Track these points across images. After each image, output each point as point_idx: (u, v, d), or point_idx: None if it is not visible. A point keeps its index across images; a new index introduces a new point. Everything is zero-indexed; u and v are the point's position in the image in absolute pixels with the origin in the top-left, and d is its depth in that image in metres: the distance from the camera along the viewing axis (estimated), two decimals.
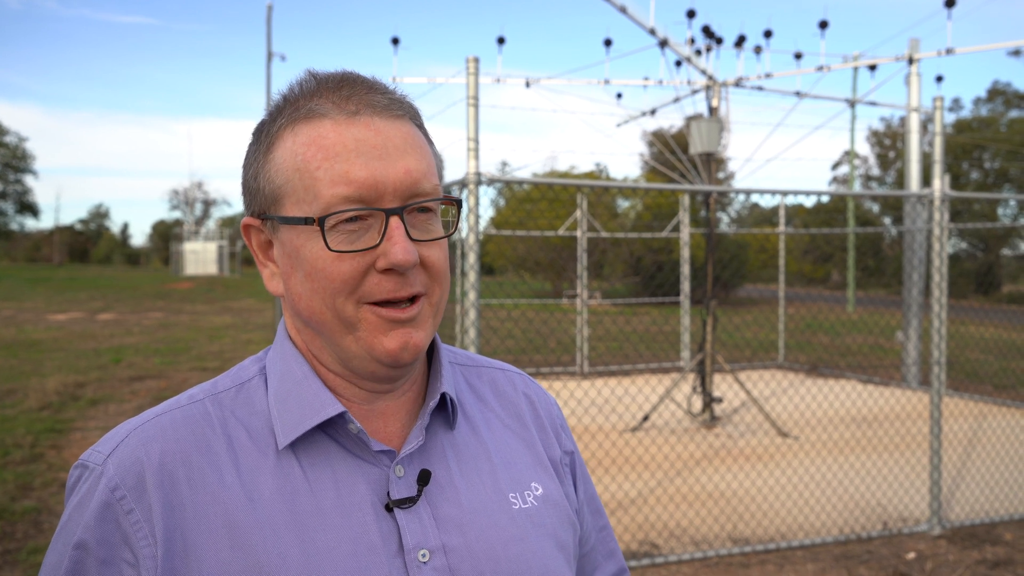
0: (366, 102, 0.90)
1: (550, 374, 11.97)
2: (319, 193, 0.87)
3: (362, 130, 0.88)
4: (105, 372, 11.38)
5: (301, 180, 0.88)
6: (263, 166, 0.92)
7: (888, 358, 14.17)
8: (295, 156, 0.89)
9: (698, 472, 6.54)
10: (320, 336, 0.93)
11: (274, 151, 0.91)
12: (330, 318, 0.89)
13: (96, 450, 0.91)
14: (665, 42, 9.39)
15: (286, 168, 0.89)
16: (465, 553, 0.92)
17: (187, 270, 51.21)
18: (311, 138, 0.88)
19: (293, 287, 0.92)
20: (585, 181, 5.01)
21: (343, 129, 0.88)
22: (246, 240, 0.97)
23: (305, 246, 0.88)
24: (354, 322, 0.89)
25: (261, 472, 0.90)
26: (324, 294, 0.88)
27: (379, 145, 0.88)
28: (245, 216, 0.97)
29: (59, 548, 0.89)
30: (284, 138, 0.90)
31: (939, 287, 5.40)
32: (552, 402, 1.16)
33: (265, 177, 0.92)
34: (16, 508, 5.52)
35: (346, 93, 0.90)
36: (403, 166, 0.88)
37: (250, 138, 0.96)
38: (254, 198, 0.94)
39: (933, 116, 5.44)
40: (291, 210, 0.89)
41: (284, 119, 0.91)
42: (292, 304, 0.93)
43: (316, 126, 0.89)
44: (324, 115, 0.89)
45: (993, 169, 34.85)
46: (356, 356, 0.91)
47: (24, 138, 66.22)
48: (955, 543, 5.08)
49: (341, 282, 0.88)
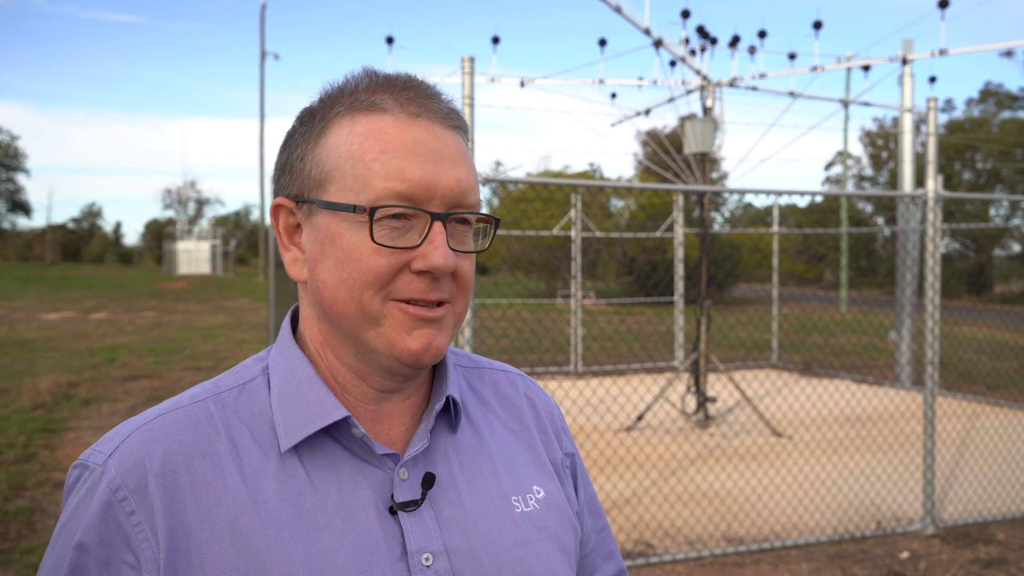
0: (428, 107, 0.91)
1: (544, 374, 11.97)
2: (370, 184, 0.87)
3: (422, 132, 0.89)
4: (98, 371, 11.33)
5: (353, 168, 0.88)
6: (312, 148, 0.92)
7: (881, 358, 14.21)
8: (351, 144, 0.89)
9: (692, 472, 6.55)
10: (339, 328, 0.92)
11: (328, 135, 0.91)
12: (353, 311, 0.89)
13: (97, 450, 0.90)
14: (660, 42, 9.40)
15: (339, 154, 0.89)
16: (468, 556, 0.92)
17: (180, 269, 51.07)
18: (370, 130, 0.89)
19: (320, 274, 0.91)
20: (579, 181, 5.01)
21: (404, 127, 0.89)
22: (272, 221, 0.96)
23: (344, 234, 0.88)
24: (379, 317, 0.89)
25: (264, 474, 0.89)
26: (353, 285, 0.88)
27: (436, 150, 0.89)
28: (277, 197, 0.96)
29: (59, 549, 0.88)
30: (341, 125, 0.90)
31: (932, 287, 5.42)
32: (553, 404, 1.16)
33: (313, 159, 0.91)
34: (9, 508, 5.49)
35: (410, 95, 0.91)
36: (455, 175, 0.90)
37: (294, 122, 0.96)
38: (294, 179, 0.93)
39: (926, 117, 5.46)
40: (336, 196, 0.89)
41: (342, 107, 0.91)
42: (315, 292, 0.92)
43: (377, 119, 0.89)
44: (386, 111, 0.90)
45: (985, 170, 34.98)
46: (375, 351, 0.90)
47: (16, 136, 66.13)
48: (948, 542, 5.10)
49: (375, 275, 0.87)
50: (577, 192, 12.42)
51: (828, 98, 13.38)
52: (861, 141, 40.81)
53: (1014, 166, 33.74)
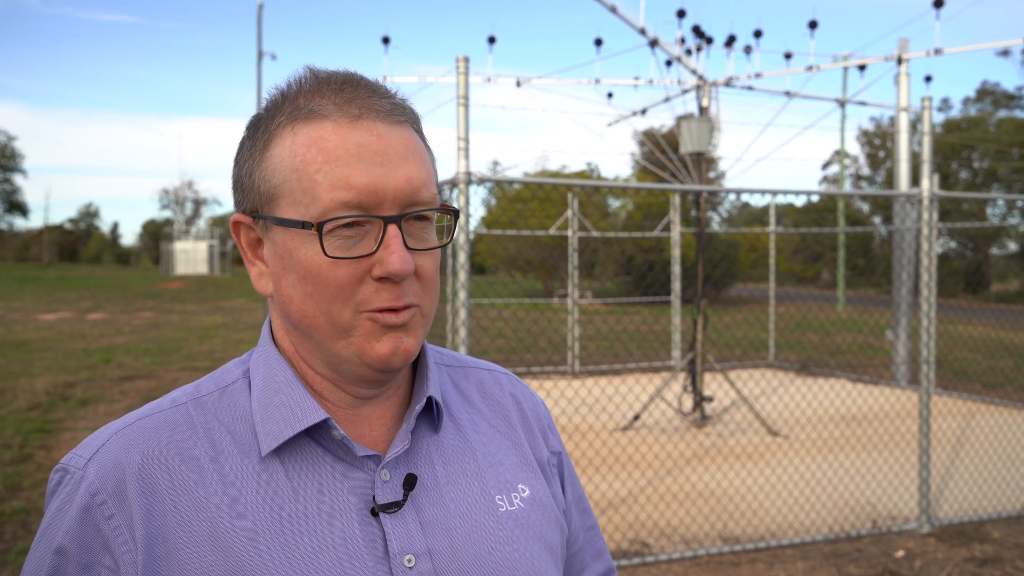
0: (369, 106, 0.88)
1: (541, 373, 11.97)
2: (318, 196, 0.85)
3: (364, 135, 0.86)
4: (95, 372, 11.32)
5: (299, 181, 0.86)
6: (259, 163, 0.90)
7: (878, 357, 14.23)
8: (294, 156, 0.87)
9: (688, 471, 6.55)
10: (309, 339, 0.91)
11: (271, 149, 0.89)
12: (323, 323, 0.88)
13: (76, 454, 0.90)
14: (655, 42, 9.39)
15: (284, 168, 0.87)
16: (451, 557, 0.91)
17: (177, 269, 51.05)
18: (311, 139, 0.86)
19: (284, 289, 0.90)
20: (576, 181, 5.01)
21: (345, 132, 0.86)
22: (235, 237, 0.95)
23: (299, 249, 0.87)
24: (349, 328, 0.88)
25: (244, 477, 0.89)
26: (319, 298, 0.87)
27: (381, 151, 0.86)
28: (235, 212, 0.95)
29: (39, 553, 0.88)
30: (283, 136, 0.88)
31: (928, 286, 5.43)
32: (539, 402, 1.15)
33: (260, 175, 0.89)
34: (5, 509, 5.48)
35: (349, 95, 0.88)
36: (404, 174, 0.87)
37: (244, 132, 0.94)
38: (246, 195, 0.92)
39: (922, 116, 5.46)
40: (287, 211, 0.87)
41: (283, 117, 0.89)
42: (282, 306, 0.91)
43: (317, 127, 0.87)
44: (326, 116, 0.87)
45: (982, 169, 35.03)
46: (346, 360, 0.90)
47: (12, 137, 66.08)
48: (944, 541, 5.10)
49: (337, 288, 0.86)
50: (574, 192, 12.41)
51: (824, 97, 13.39)
52: (858, 140, 40.88)
53: (1010, 165, 33.79)
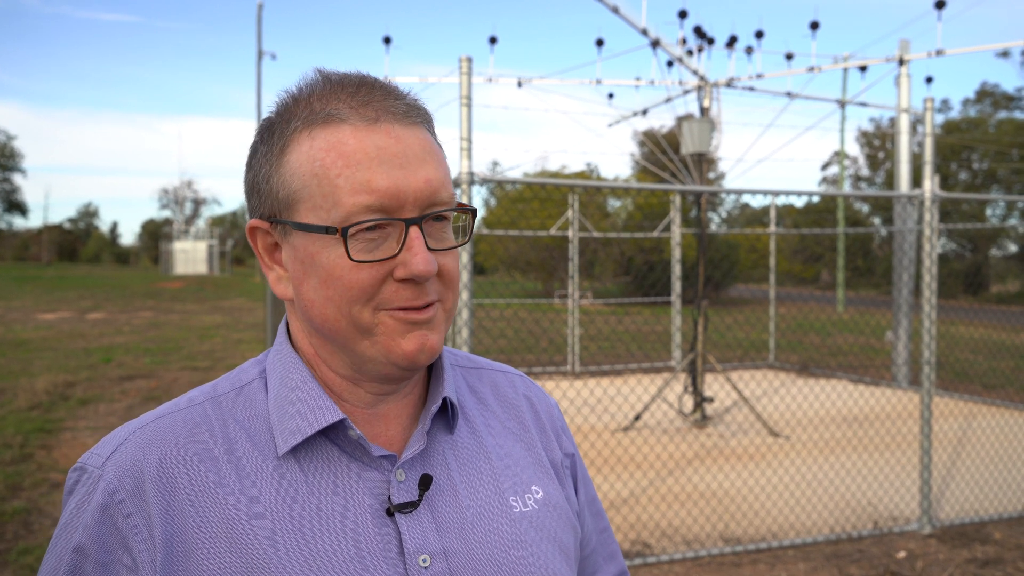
0: (385, 108, 0.88)
1: (542, 374, 11.97)
2: (339, 201, 0.85)
3: (383, 137, 0.87)
4: (95, 371, 11.32)
5: (320, 187, 0.86)
6: (275, 168, 0.90)
7: (878, 358, 14.23)
8: (313, 161, 0.87)
9: (690, 472, 6.55)
10: (331, 342, 0.92)
11: (288, 154, 0.89)
12: (345, 325, 0.88)
13: (95, 453, 0.90)
14: (657, 42, 9.40)
15: (303, 173, 0.87)
16: (466, 558, 0.92)
17: (177, 269, 51.06)
18: (330, 143, 0.86)
19: (305, 293, 0.90)
20: (576, 181, 5.01)
21: (363, 136, 0.86)
22: (251, 242, 0.95)
23: (321, 253, 0.87)
24: (371, 327, 0.88)
25: (262, 476, 0.89)
26: (340, 302, 0.87)
27: (399, 153, 0.87)
28: (251, 217, 0.95)
29: (58, 551, 0.88)
30: (300, 141, 0.88)
31: (929, 287, 5.43)
32: (553, 404, 1.16)
33: (278, 180, 0.89)
34: (6, 509, 5.48)
35: (364, 98, 0.88)
36: (423, 175, 0.87)
37: (255, 136, 0.94)
38: (263, 200, 0.92)
39: (923, 117, 5.47)
40: (307, 216, 0.87)
41: (299, 121, 0.89)
42: (304, 310, 0.92)
43: (335, 131, 0.87)
44: (343, 120, 0.87)
45: (982, 170, 35.03)
46: (371, 360, 0.90)
47: (12, 136, 66.05)
48: (945, 542, 5.11)
49: (359, 290, 0.87)
50: (574, 192, 12.42)
51: (825, 98, 13.40)
52: (858, 141, 40.86)
53: (1010, 166, 33.80)
